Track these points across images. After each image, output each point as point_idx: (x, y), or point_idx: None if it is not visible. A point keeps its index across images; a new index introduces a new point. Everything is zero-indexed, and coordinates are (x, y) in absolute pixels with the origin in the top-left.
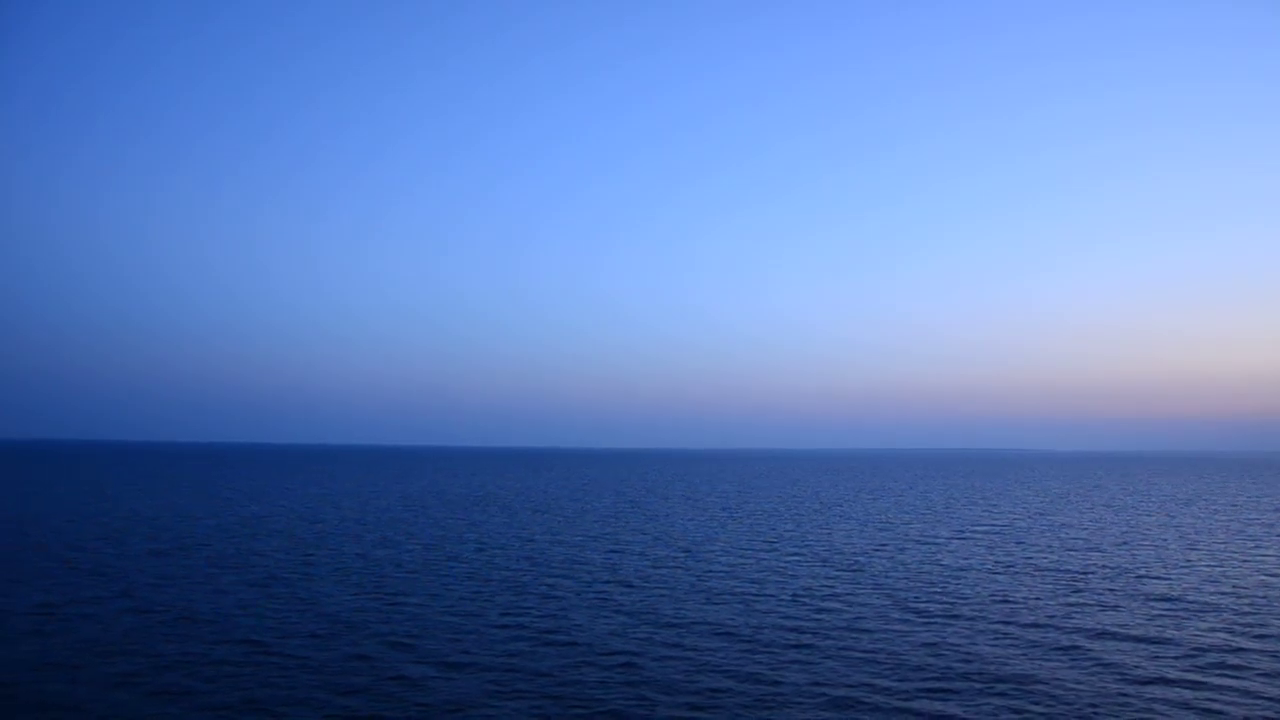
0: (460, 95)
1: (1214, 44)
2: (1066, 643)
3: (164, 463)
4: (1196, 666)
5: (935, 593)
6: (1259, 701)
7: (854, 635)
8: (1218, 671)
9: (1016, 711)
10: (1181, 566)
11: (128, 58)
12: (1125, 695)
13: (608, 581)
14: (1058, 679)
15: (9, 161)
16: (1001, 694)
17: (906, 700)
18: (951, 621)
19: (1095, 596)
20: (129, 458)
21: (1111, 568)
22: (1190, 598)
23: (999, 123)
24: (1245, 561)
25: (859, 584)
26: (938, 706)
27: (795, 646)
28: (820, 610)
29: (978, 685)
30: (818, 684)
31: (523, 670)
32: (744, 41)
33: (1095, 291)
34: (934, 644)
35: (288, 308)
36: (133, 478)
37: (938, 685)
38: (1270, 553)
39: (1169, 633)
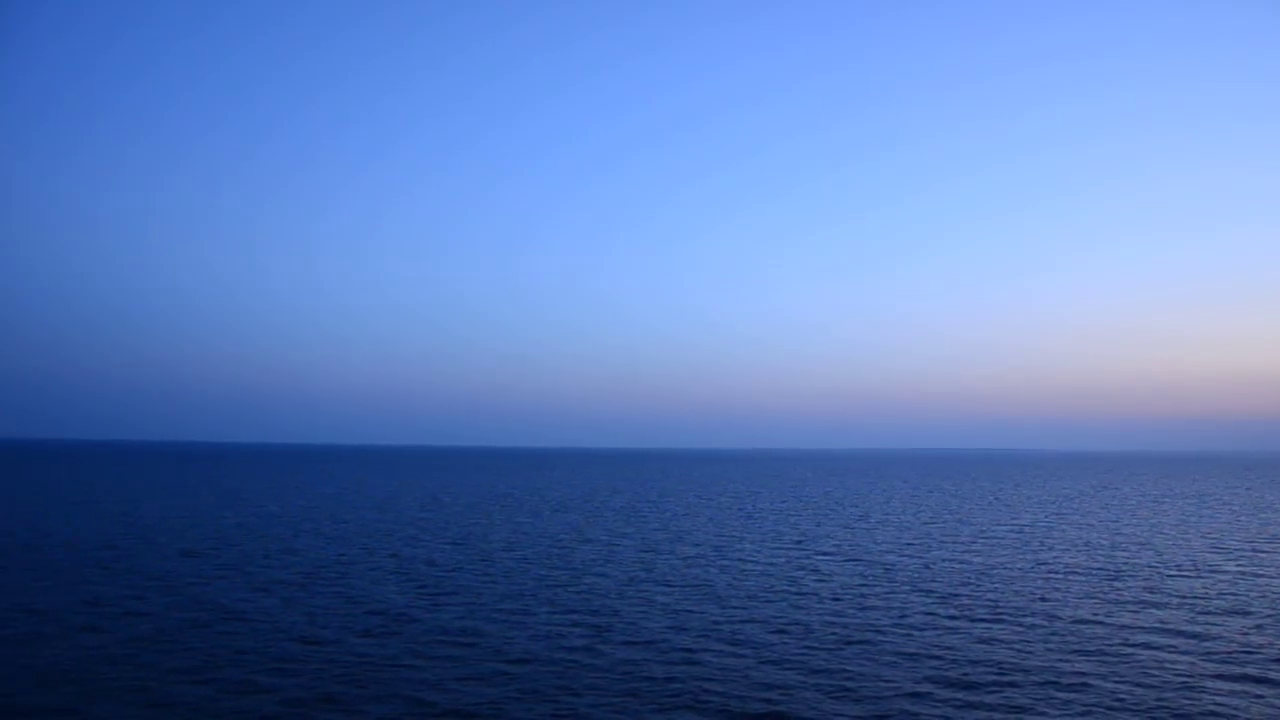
0: (460, 95)
1: (1214, 44)
2: (1117, 640)
3: (168, 462)
4: (1247, 665)
5: (975, 592)
6: None
7: (905, 633)
8: (1275, 668)
9: (1085, 708)
10: (1211, 566)
11: (127, 57)
12: (1186, 692)
13: (646, 580)
14: (1116, 675)
15: (9, 161)
16: (1068, 689)
17: (975, 694)
18: (999, 620)
19: (1134, 595)
20: (131, 457)
21: (1144, 566)
22: (1226, 597)
23: (999, 123)
24: (1277, 563)
25: (896, 583)
26: (1007, 700)
27: (852, 643)
28: (865, 608)
29: (1037, 681)
30: (884, 680)
31: (586, 665)
32: (744, 41)
33: (1095, 291)
34: (988, 640)
35: (288, 307)
36: (141, 477)
37: (1001, 680)
38: None
39: (1214, 630)
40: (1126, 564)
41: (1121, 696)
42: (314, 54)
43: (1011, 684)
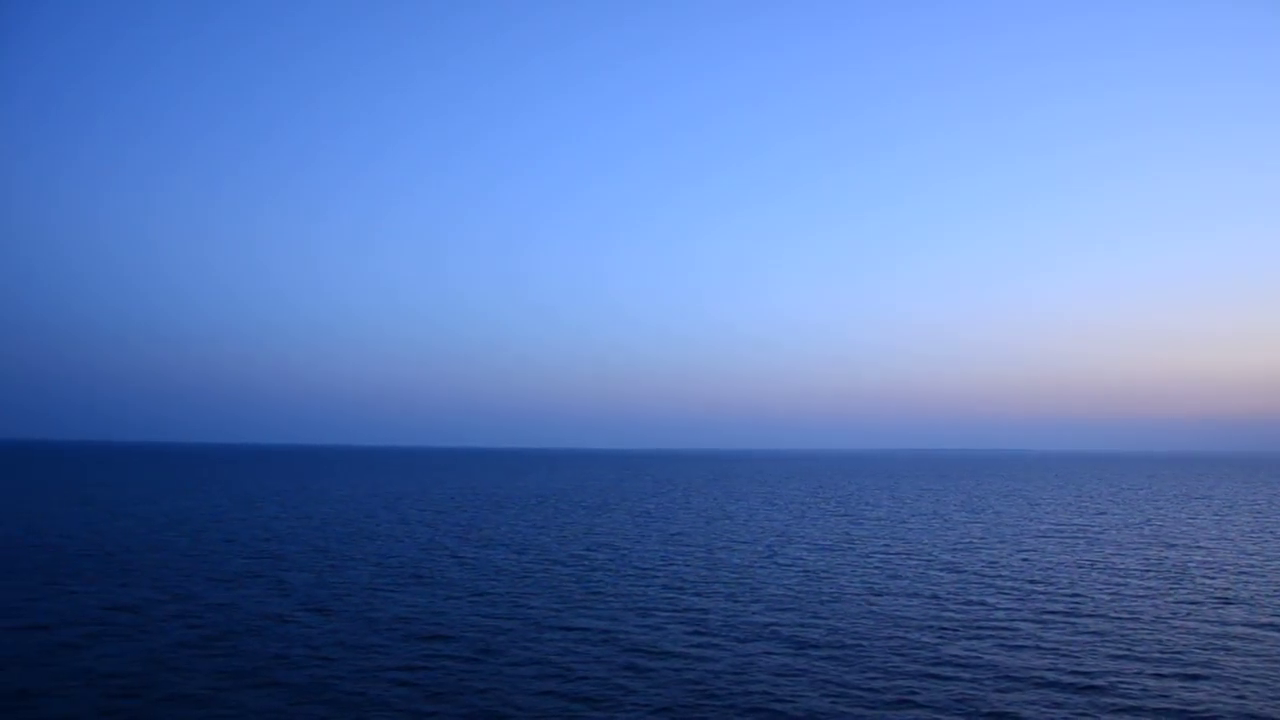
0: (460, 95)
1: (1214, 45)
2: (1209, 631)
3: (173, 463)
4: None
5: (1047, 590)
6: None
7: (1000, 630)
8: None
9: (1210, 701)
10: (1269, 565)
11: (127, 57)
12: None
13: (718, 580)
14: (1228, 666)
15: (9, 161)
16: (1188, 680)
17: (1120, 680)
18: (1084, 618)
19: (1205, 593)
20: (135, 458)
21: (1205, 565)
22: None
23: (999, 123)
24: None
25: (965, 582)
26: (1131, 692)
27: (953, 639)
28: (944, 606)
29: (1150, 672)
30: (1008, 676)
31: (707, 668)
32: (744, 41)
33: (1096, 291)
34: (1099, 634)
35: (288, 308)
36: (153, 478)
37: (1121, 673)
38: None
39: None
40: (1182, 562)
41: (1239, 686)
42: (314, 54)
43: (1137, 676)
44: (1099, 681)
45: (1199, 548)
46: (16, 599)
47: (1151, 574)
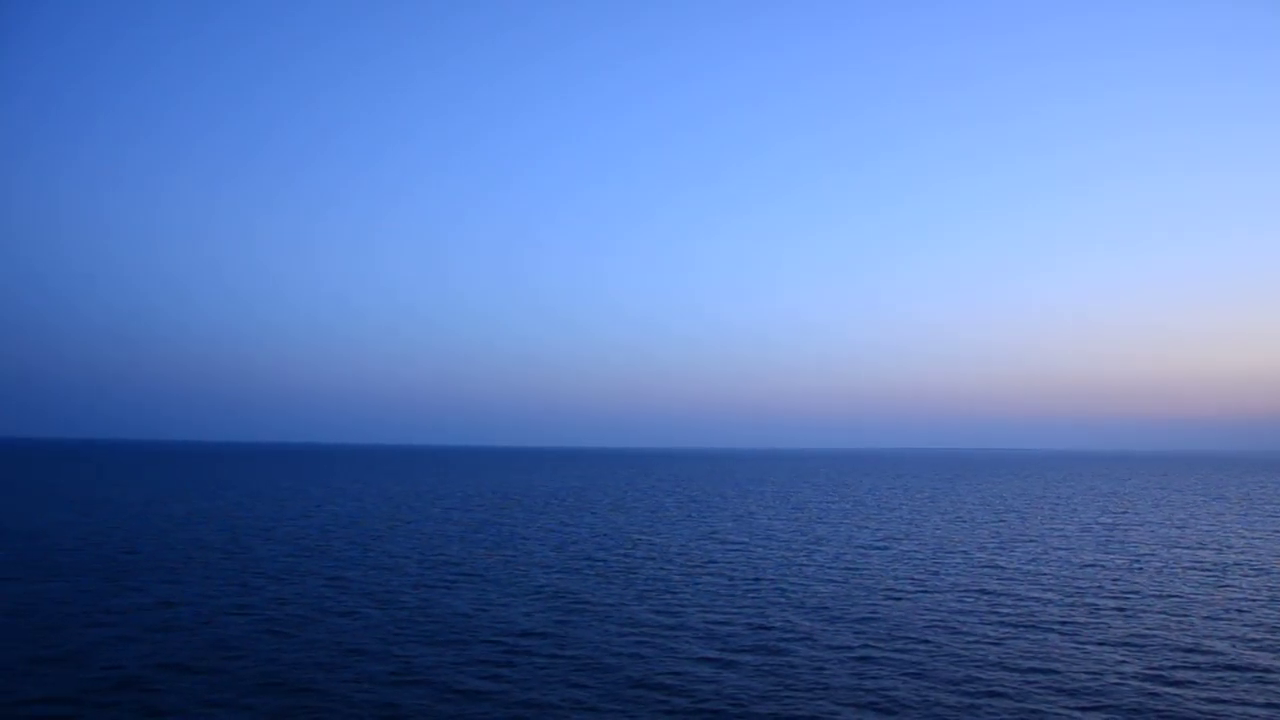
0: (461, 96)
1: (1214, 46)
2: (1269, 628)
3: (180, 461)
4: None
5: (1096, 587)
6: None
7: (1073, 627)
8: None
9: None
10: None
11: (129, 58)
12: None
13: (766, 577)
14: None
15: (10, 161)
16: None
17: (1227, 667)
18: (1151, 614)
19: (1253, 592)
20: (139, 457)
21: (1245, 565)
22: None
23: (999, 124)
24: None
25: (1010, 579)
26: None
27: (1026, 637)
28: (999, 604)
29: (1222, 665)
30: (1097, 675)
31: (777, 669)
32: (744, 43)
33: (1096, 291)
34: (1163, 631)
35: (289, 307)
36: (165, 477)
37: (1203, 668)
38: None
39: None
40: (1227, 560)
41: None
42: (316, 54)
43: (1223, 670)
44: (1177, 675)
45: (1230, 548)
46: (82, 599)
47: (1195, 571)
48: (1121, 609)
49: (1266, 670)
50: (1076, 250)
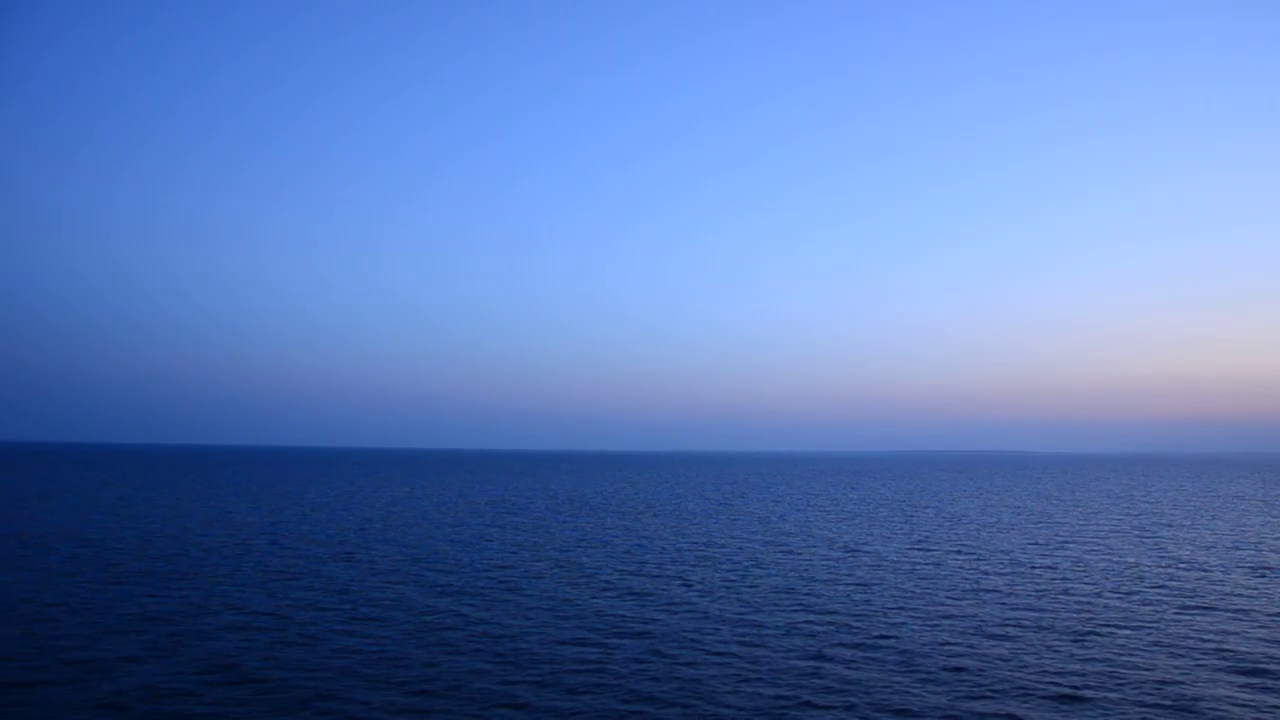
0: (464, 99)
1: (1214, 48)
2: None
3: (188, 465)
4: None
5: (1156, 588)
6: None
7: (1136, 629)
8: None
9: None
10: None
11: (130, 58)
12: None
13: (821, 580)
14: None
15: (11, 161)
16: None
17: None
18: (1207, 612)
19: None
20: (146, 460)
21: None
22: None
23: (1000, 126)
24: None
25: (1060, 580)
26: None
27: (1093, 637)
28: (1059, 604)
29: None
30: (1168, 681)
31: (868, 656)
32: (744, 45)
33: (1098, 294)
34: (1228, 630)
35: (292, 310)
36: (181, 480)
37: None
38: None
39: None
40: (1272, 562)
41: None
42: (318, 55)
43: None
44: (1265, 665)
45: (1266, 547)
46: (137, 602)
47: (1239, 570)
48: (1175, 606)
49: None
50: (1077, 253)
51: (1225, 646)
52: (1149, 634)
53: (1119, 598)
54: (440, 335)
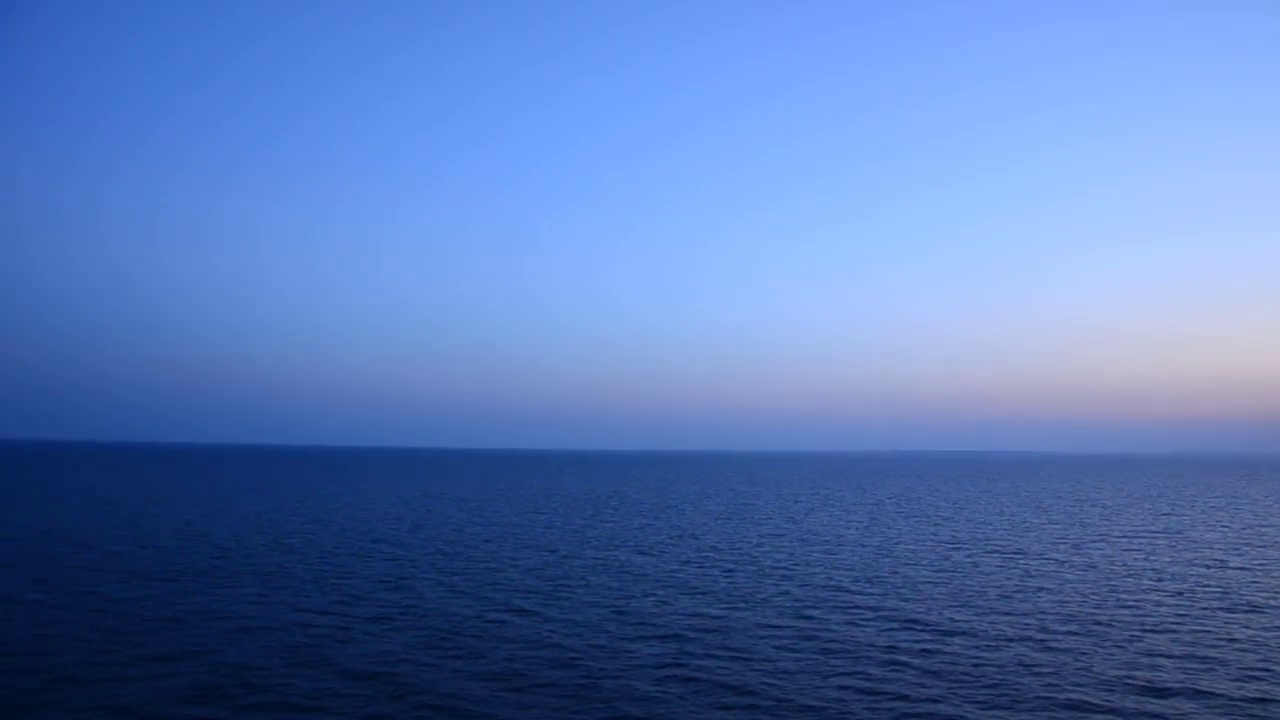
0: (464, 99)
1: (1214, 48)
2: None
3: (195, 464)
4: None
5: (1204, 586)
6: None
7: (1191, 631)
8: None
9: None
10: None
11: (131, 59)
12: None
13: (874, 579)
14: None
15: (12, 162)
16: None
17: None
18: (1237, 613)
19: None
20: (150, 459)
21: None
22: None
23: (999, 126)
24: None
25: (1088, 579)
26: None
27: (1147, 638)
28: (1111, 604)
29: None
30: (1246, 678)
31: (915, 659)
32: (745, 46)
33: (1098, 293)
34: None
35: (292, 309)
36: (195, 480)
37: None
38: None
39: None
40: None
41: None
42: (319, 55)
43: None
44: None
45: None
46: (202, 601)
47: (1274, 572)
48: (1220, 607)
49: None
50: (1077, 253)
51: None
52: (1210, 631)
53: (1172, 596)
54: (440, 335)
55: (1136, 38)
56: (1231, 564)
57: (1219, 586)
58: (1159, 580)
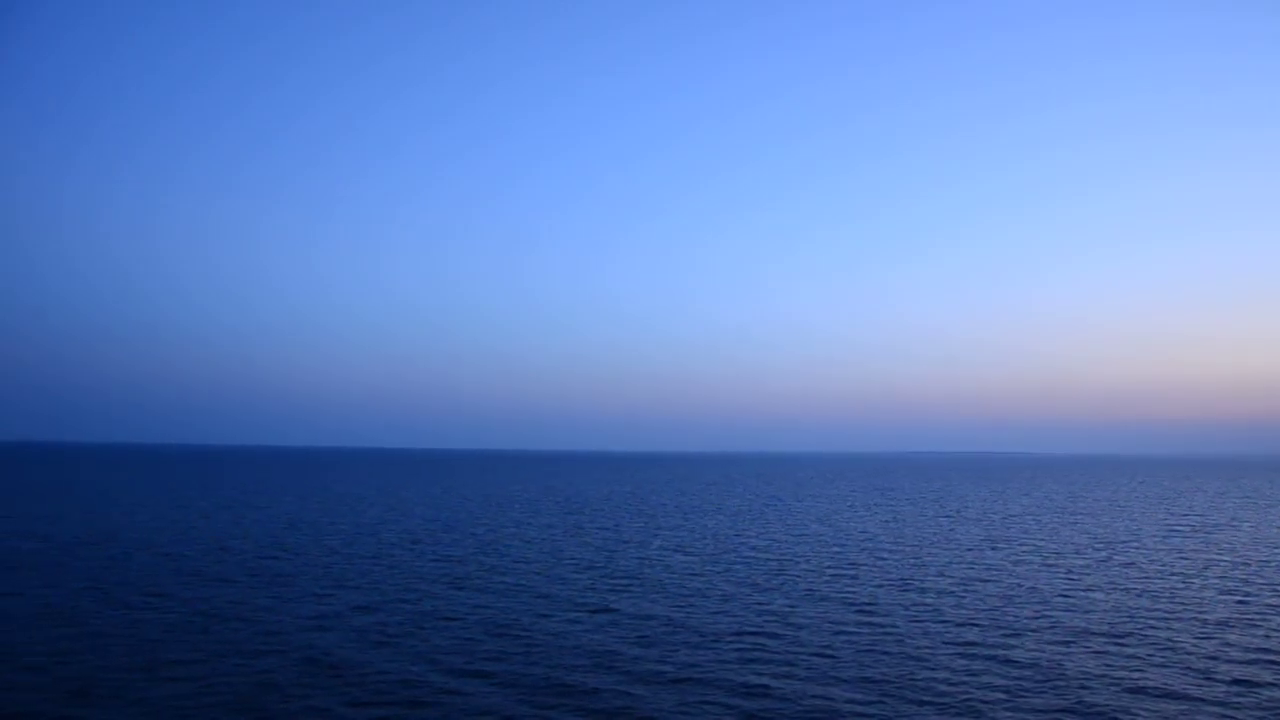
0: (464, 99)
1: (1214, 49)
2: None
3: (201, 465)
4: None
5: (1242, 584)
6: None
7: (1247, 624)
8: None
9: None
10: None
11: (131, 58)
12: None
13: (925, 584)
14: None
15: (12, 161)
16: None
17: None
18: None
19: None
20: (154, 460)
21: None
22: None
23: (1000, 126)
24: None
25: (1118, 579)
26: None
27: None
28: (1155, 607)
29: None
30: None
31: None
32: (745, 46)
33: (1098, 293)
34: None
35: (292, 309)
36: (211, 481)
37: None
38: None
39: None
40: None
41: None
42: (319, 55)
43: None
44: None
45: None
46: (261, 601)
47: None
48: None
49: None
50: (1077, 253)
51: None
52: (1260, 629)
53: (1216, 593)
54: (440, 335)
55: (1136, 38)
56: (1266, 563)
57: (1260, 585)
58: (1204, 578)
